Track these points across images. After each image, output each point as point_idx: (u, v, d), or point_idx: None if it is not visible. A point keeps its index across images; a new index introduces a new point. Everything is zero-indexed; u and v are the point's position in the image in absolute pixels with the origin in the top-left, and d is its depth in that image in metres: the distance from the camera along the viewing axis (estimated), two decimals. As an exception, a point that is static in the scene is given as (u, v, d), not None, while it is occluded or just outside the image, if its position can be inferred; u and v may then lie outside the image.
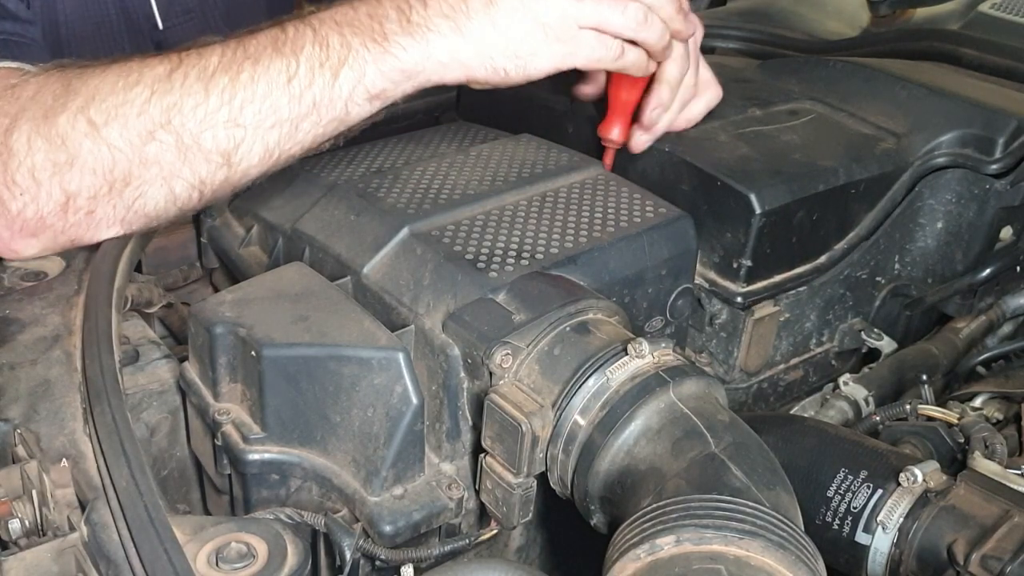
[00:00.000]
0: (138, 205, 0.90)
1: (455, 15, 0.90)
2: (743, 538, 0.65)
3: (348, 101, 0.90)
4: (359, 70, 0.89)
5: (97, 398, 0.75)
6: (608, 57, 0.96)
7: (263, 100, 0.88)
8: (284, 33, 0.90)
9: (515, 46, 0.92)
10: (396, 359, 0.80)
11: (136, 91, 0.88)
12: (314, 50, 0.89)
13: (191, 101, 0.87)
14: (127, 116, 0.87)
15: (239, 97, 0.88)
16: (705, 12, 1.91)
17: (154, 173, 0.89)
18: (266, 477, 0.83)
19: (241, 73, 0.88)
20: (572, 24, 0.93)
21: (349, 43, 0.89)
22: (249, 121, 0.88)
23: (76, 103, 0.88)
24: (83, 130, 0.87)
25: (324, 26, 0.90)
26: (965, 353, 1.20)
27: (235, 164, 0.90)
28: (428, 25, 0.90)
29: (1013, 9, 1.54)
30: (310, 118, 0.90)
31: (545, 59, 0.93)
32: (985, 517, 0.78)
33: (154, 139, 0.87)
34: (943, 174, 1.15)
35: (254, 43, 0.90)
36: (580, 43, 0.94)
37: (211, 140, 0.88)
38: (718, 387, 0.81)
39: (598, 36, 0.95)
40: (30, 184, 0.88)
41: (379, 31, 0.90)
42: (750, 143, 1.10)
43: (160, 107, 0.87)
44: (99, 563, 0.66)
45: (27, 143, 0.87)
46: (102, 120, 0.87)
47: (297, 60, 0.88)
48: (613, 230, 0.95)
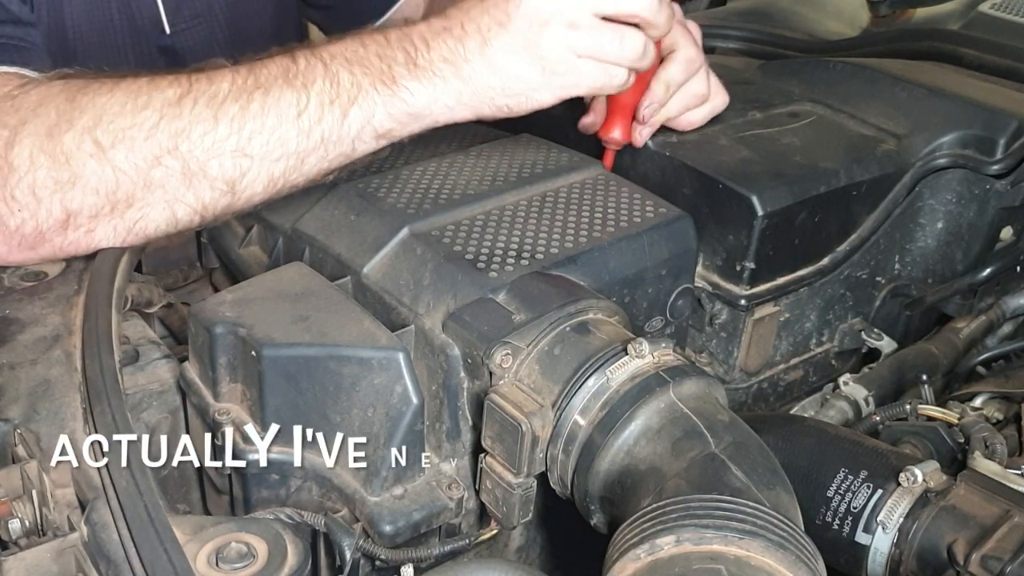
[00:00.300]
0: (139, 227, 0.90)
1: (454, 59, 0.91)
2: (743, 538, 0.65)
3: (356, 139, 0.91)
4: (368, 111, 0.90)
5: (97, 398, 0.75)
6: (611, 84, 0.96)
7: (272, 132, 0.88)
8: (295, 64, 0.90)
9: (514, 85, 0.92)
10: (396, 359, 0.80)
11: (145, 114, 0.87)
12: (325, 85, 0.89)
13: (200, 128, 0.87)
14: (134, 139, 0.87)
15: (248, 127, 0.88)
16: (705, 12, 1.91)
17: (157, 197, 0.89)
18: (266, 477, 0.83)
19: (252, 103, 0.88)
20: (570, 55, 0.92)
21: (359, 83, 0.89)
22: (256, 152, 0.88)
23: (82, 122, 0.87)
24: (89, 150, 0.87)
25: (335, 62, 0.90)
26: (965, 353, 1.20)
27: (239, 192, 0.90)
28: (432, 69, 0.90)
29: (1013, 9, 1.54)
30: (317, 152, 0.90)
31: (546, 93, 0.93)
32: (985, 517, 0.78)
33: (160, 164, 0.87)
34: (943, 174, 1.15)
35: (265, 72, 0.90)
36: (580, 73, 0.94)
37: (217, 168, 0.88)
38: (718, 387, 0.81)
39: (598, 64, 0.94)
40: (30, 200, 0.87)
41: (388, 73, 0.90)
42: (751, 146, 1.10)
43: (168, 132, 0.87)
44: (99, 563, 0.66)
45: (29, 159, 0.87)
46: (109, 142, 0.87)
47: (308, 94, 0.88)
48: (613, 230, 0.95)
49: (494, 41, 0.91)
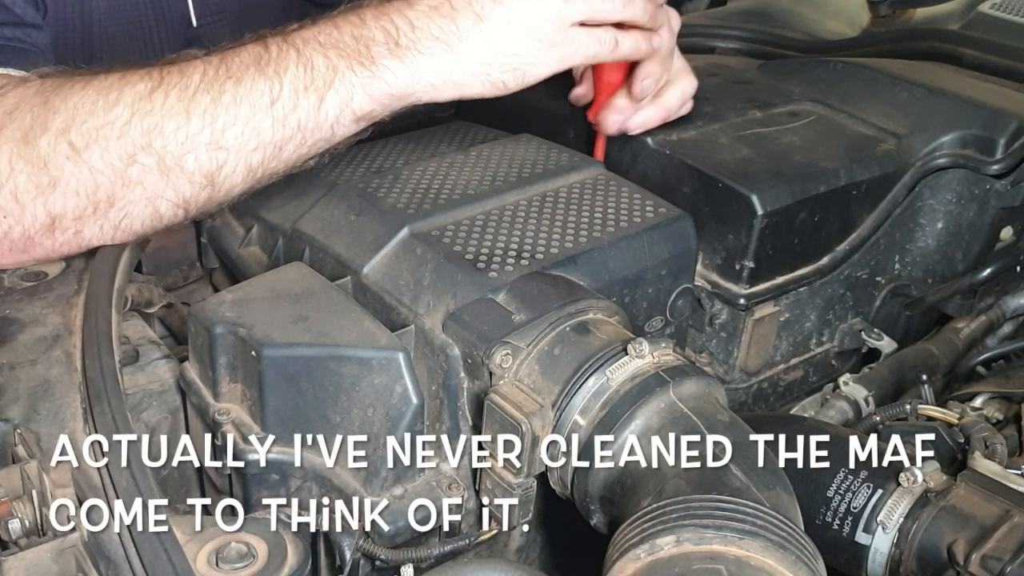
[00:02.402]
0: (124, 224, 0.90)
1: (446, 36, 0.89)
2: (743, 538, 0.65)
3: (335, 124, 0.89)
4: (346, 94, 0.88)
5: (97, 398, 0.75)
6: (604, 51, 0.96)
7: (245, 123, 0.87)
8: (267, 52, 0.88)
9: (511, 58, 0.91)
10: (396, 359, 0.80)
11: (116, 111, 0.86)
12: (298, 72, 0.87)
13: (172, 123, 0.86)
14: (108, 139, 0.86)
15: (221, 119, 0.86)
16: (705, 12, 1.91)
17: (138, 194, 0.88)
18: (266, 477, 0.83)
19: (223, 94, 0.87)
20: (564, 25, 0.92)
21: (335, 66, 0.88)
22: (231, 144, 0.87)
23: (56, 124, 0.86)
24: (65, 153, 0.86)
25: (308, 47, 0.88)
26: (965, 353, 1.20)
27: (218, 184, 0.89)
28: (418, 48, 0.89)
29: (1013, 9, 1.54)
30: (294, 140, 0.89)
31: (542, 65, 0.93)
32: (985, 517, 0.78)
33: (136, 162, 0.86)
34: (944, 174, 1.15)
35: (236, 61, 0.88)
36: (574, 43, 0.93)
37: (193, 162, 0.87)
38: (718, 387, 0.81)
39: (589, 32, 0.94)
40: (13, 207, 0.87)
41: (366, 54, 0.88)
42: (751, 145, 1.10)
43: (141, 129, 0.86)
44: (99, 563, 0.66)
45: (8, 165, 0.86)
46: (83, 143, 0.86)
47: (280, 82, 0.87)
48: (613, 230, 0.95)
49: (489, 16, 0.90)
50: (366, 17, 0.90)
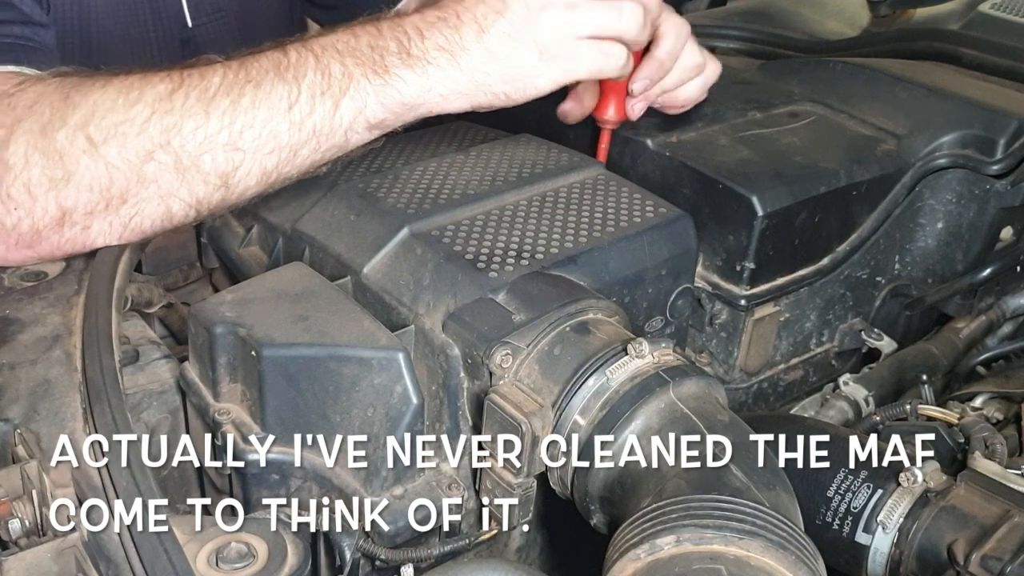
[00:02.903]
0: (134, 223, 0.90)
1: (450, 47, 0.90)
2: (743, 538, 0.65)
3: (348, 130, 0.90)
4: (360, 101, 0.89)
5: (97, 398, 0.75)
6: (609, 66, 0.96)
7: (263, 125, 0.88)
8: (286, 57, 0.90)
9: (513, 71, 0.91)
10: (396, 359, 0.80)
11: (136, 109, 0.87)
12: (316, 77, 0.89)
13: (191, 123, 0.87)
14: (126, 135, 0.87)
15: (239, 121, 0.87)
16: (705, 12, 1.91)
17: (151, 192, 0.88)
18: (266, 477, 0.83)
19: (243, 97, 0.88)
20: (568, 38, 0.92)
21: (351, 73, 0.89)
22: (248, 145, 0.88)
23: (75, 118, 0.87)
24: (81, 147, 0.86)
25: (326, 54, 0.90)
26: (965, 353, 1.20)
27: (233, 186, 0.90)
28: (427, 58, 0.90)
29: (1013, 9, 1.54)
30: (309, 145, 0.90)
31: (545, 79, 0.93)
32: (985, 517, 0.78)
33: (153, 159, 0.87)
34: (943, 174, 1.15)
35: (256, 66, 0.89)
36: (579, 57, 0.93)
37: (210, 162, 0.88)
38: (718, 387, 0.81)
39: (596, 45, 0.94)
40: (25, 199, 0.87)
41: (380, 63, 0.89)
42: (751, 146, 1.10)
43: (160, 127, 0.87)
44: (99, 563, 0.66)
45: (24, 157, 0.87)
46: (101, 138, 0.87)
47: (299, 87, 0.88)
48: (613, 230, 0.95)
49: (491, 28, 0.91)
50: (383, 27, 0.92)
